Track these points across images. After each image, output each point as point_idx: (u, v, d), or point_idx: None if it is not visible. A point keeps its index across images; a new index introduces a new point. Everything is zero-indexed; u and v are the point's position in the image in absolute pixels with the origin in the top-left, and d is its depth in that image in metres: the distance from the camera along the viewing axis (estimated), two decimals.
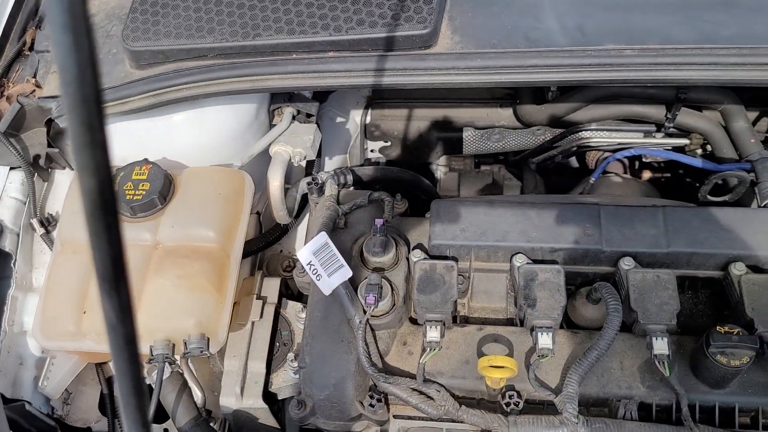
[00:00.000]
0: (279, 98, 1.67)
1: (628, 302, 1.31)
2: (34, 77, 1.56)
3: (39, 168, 1.58)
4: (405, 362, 1.36)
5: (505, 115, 2.10)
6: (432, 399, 1.30)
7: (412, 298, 1.35)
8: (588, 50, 1.22)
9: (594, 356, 1.26)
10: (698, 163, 1.80)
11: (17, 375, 1.50)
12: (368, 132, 2.18)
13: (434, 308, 1.33)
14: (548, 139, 2.09)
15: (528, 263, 1.38)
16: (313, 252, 1.35)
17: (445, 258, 1.42)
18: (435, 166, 2.35)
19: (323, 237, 1.36)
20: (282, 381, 1.50)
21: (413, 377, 1.32)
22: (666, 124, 1.86)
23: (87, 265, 1.37)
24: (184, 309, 1.31)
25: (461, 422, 1.30)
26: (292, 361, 1.42)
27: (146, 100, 1.36)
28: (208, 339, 1.30)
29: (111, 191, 0.42)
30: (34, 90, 1.51)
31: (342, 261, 1.34)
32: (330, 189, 1.52)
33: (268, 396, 1.51)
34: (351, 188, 1.70)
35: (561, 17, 1.31)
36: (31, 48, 1.62)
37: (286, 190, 1.84)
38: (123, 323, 0.44)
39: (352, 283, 1.36)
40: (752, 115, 1.98)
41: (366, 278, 1.33)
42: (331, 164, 2.06)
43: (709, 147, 1.87)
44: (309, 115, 1.69)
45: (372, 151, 2.27)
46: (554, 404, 1.27)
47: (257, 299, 1.53)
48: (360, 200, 1.49)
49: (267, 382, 1.49)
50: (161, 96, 1.35)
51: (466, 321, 1.45)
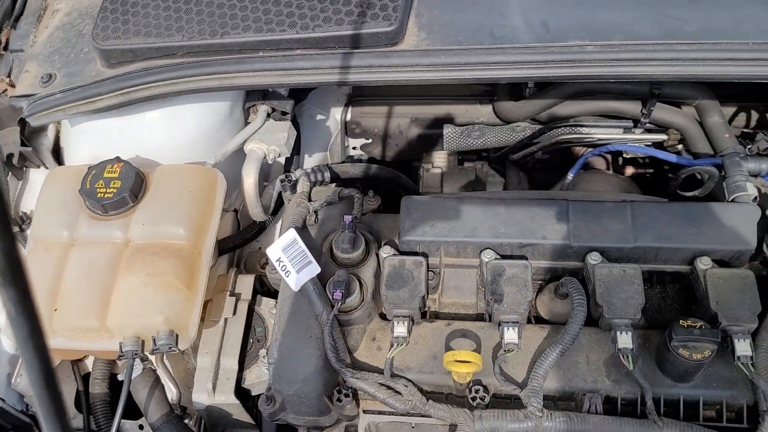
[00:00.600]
0: (253, 96, 1.67)
1: (595, 297, 1.32)
2: (8, 76, 1.57)
3: (13, 167, 1.58)
4: (374, 358, 1.37)
5: (485, 112, 2.11)
6: (400, 394, 1.31)
7: (381, 294, 1.36)
8: (550, 47, 1.23)
9: (559, 351, 1.27)
10: (673, 159, 1.80)
11: None
12: (349, 129, 2.18)
13: (402, 304, 1.34)
14: (527, 136, 2.10)
15: (496, 259, 1.39)
16: (282, 249, 1.36)
17: (415, 254, 1.43)
18: (418, 163, 2.35)
19: (292, 234, 1.37)
20: (255, 377, 1.51)
21: (382, 372, 1.33)
22: (642, 120, 1.87)
23: (58, 264, 1.38)
24: (154, 306, 1.32)
25: (429, 417, 1.31)
26: (265, 358, 1.43)
27: (115, 99, 1.37)
28: (177, 336, 1.32)
29: None
30: (6, 89, 1.51)
31: (310, 257, 1.35)
32: (302, 186, 1.53)
33: (242, 392, 1.52)
34: (333, 186, 1.70)
35: (526, 14, 1.32)
36: (6, 47, 1.63)
37: (264, 188, 1.86)
38: (23, 315, 0.44)
39: (323, 280, 1.37)
40: (730, 110, 2.00)
41: (335, 274, 1.34)
42: (311, 161, 2.06)
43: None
44: (284, 113, 1.70)
45: (354, 149, 2.28)
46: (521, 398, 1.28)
47: (230, 296, 1.54)
48: (331, 197, 1.50)
49: (240, 379, 1.50)
50: (130, 94, 1.36)
51: (436, 316, 1.45)
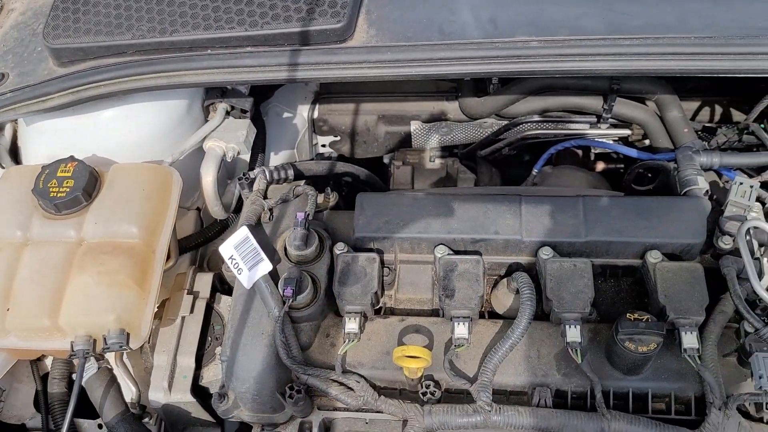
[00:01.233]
0: (212, 94, 1.67)
1: (546, 291, 1.33)
2: None
3: None
4: (327, 354, 1.37)
5: (451, 108, 2.11)
6: (352, 390, 1.31)
7: (334, 290, 1.36)
8: (496, 42, 1.23)
9: (508, 346, 1.28)
10: (633, 153, 1.81)
11: None
12: (316, 127, 2.18)
13: (354, 300, 1.34)
14: (494, 132, 2.11)
15: (449, 254, 1.39)
16: (234, 246, 1.36)
17: (370, 250, 1.43)
18: (388, 160, 2.35)
19: (244, 231, 1.37)
20: (213, 375, 1.51)
21: (335, 369, 1.33)
22: (604, 115, 1.87)
23: (10, 263, 1.38)
24: (105, 305, 1.31)
25: (381, 412, 1.31)
26: (222, 356, 1.43)
27: (66, 98, 1.36)
28: (128, 334, 1.31)
29: None
30: None
31: (262, 255, 1.35)
32: (258, 184, 1.53)
33: (201, 390, 1.52)
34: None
35: (475, 10, 1.33)
36: None
37: (227, 186, 1.86)
38: None
39: (277, 277, 1.37)
40: (694, 105, 2.01)
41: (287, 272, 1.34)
42: (278, 159, 2.06)
43: None
44: (244, 111, 1.70)
45: (323, 146, 2.28)
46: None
47: (188, 294, 1.54)
48: (286, 194, 1.50)
49: (197, 377, 1.50)
50: (80, 93, 1.35)
51: (392, 312, 1.46)
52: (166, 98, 1.57)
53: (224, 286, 1.67)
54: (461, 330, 1.30)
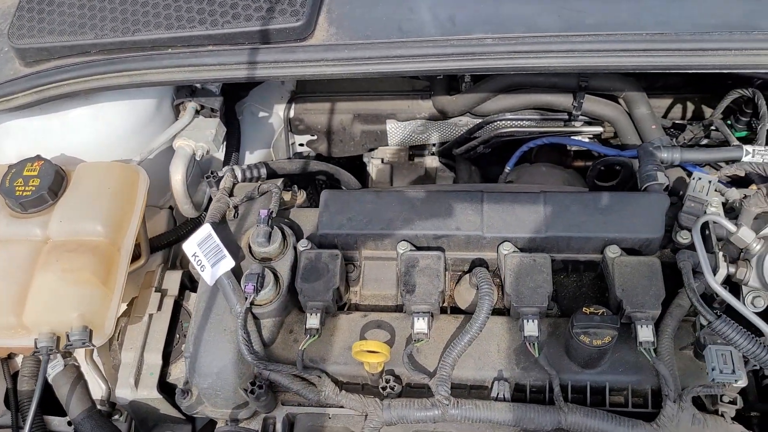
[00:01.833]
0: (182, 93, 1.69)
1: (505, 286, 1.34)
2: None
3: None
4: (291, 350, 1.39)
5: (426, 107, 2.12)
6: (314, 385, 1.33)
7: (296, 286, 1.37)
8: (450, 40, 1.25)
9: (466, 340, 1.29)
10: (604, 150, 1.82)
11: None
12: (293, 126, 2.19)
13: (316, 296, 1.35)
14: (468, 130, 2.12)
15: (411, 250, 1.41)
16: (198, 243, 1.37)
17: (334, 247, 1.44)
18: (367, 159, 2.36)
19: (207, 229, 1.38)
20: (180, 372, 1.52)
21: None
22: (574, 113, 1.89)
23: None
24: (68, 302, 1.33)
25: (342, 407, 1.32)
26: (185, 352, 1.44)
27: (30, 97, 1.38)
28: (91, 331, 1.32)
29: None
30: None
31: (225, 252, 1.36)
32: (224, 182, 1.54)
33: (169, 387, 1.53)
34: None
35: (434, 8, 1.34)
36: None
37: (199, 185, 1.87)
38: None
39: (241, 274, 1.38)
40: (666, 102, 2.02)
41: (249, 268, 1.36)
42: (253, 158, 2.08)
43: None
44: (213, 110, 1.71)
45: (301, 145, 2.29)
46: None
47: (156, 292, 1.55)
48: (251, 192, 1.51)
49: (165, 374, 1.52)
50: (43, 92, 1.37)
51: (357, 308, 1.47)
52: (135, 98, 1.59)
53: (194, 284, 1.68)
54: (421, 325, 1.31)
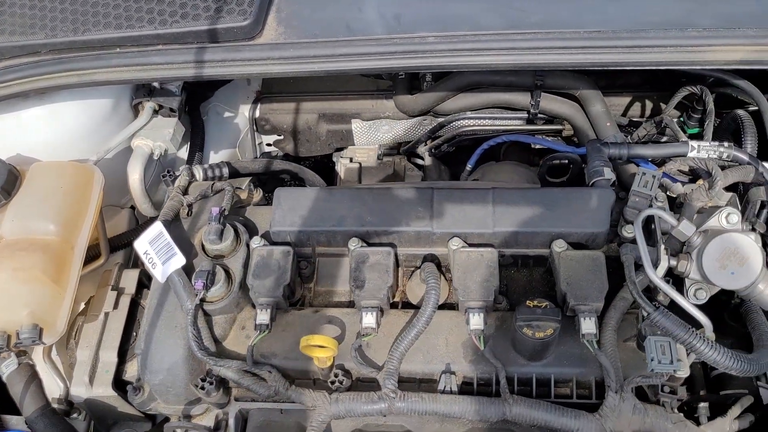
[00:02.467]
0: (140, 93, 1.70)
1: (453, 281, 1.36)
2: None
3: None
4: (243, 346, 1.40)
5: (390, 106, 2.14)
6: (264, 380, 1.34)
7: (247, 283, 1.38)
8: (394, 38, 1.27)
9: (413, 334, 1.31)
10: (559, 148, 1.85)
11: None
12: (259, 126, 2.21)
13: (267, 292, 1.37)
14: (431, 129, 2.14)
15: (362, 246, 1.42)
16: (149, 241, 1.39)
17: (287, 244, 1.46)
18: (336, 158, 2.37)
19: (158, 226, 1.39)
20: (136, 370, 1.52)
21: None
22: (531, 110, 1.91)
23: None
24: (19, 300, 1.33)
25: (294, 402, 1.34)
26: (136, 348, 1.45)
27: None
28: (41, 329, 1.33)
29: None
30: None
31: (176, 249, 1.37)
32: (179, 181, 1.55)
33: (126, 385, 1.53)
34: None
35: (381, 7, 1.36)
36: None
37: (160, 184, 1.88)
38: None
39: (193, 271, 1.39)
40: (625, 100, 2.05)
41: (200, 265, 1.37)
42: (218, 158, 2.09)
43: None
44: (172, 110, 1.73)
45: (268, 145, 2.31)
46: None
47: (112, 290, 1.56)
48: (205, 191, 1.53)
49: (121, 371, 1.52)
50: None
51: (310, 305, 1.49)
52: (91, 97, 1.60)
53: (151, 282, 1.69)
54: (369, 320, 1.33)
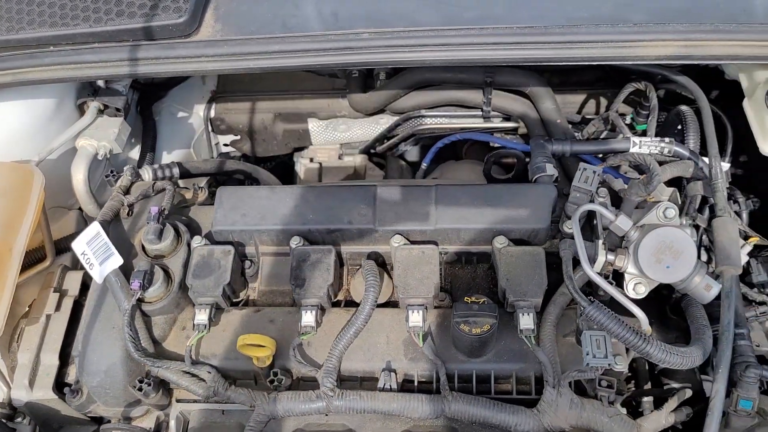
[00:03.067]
0: (84, 93, 1.68)
1: (394, 278, 1.36)
2: None
3: None
4: (183, 346, 1.38)
5: (345, 105, 2.13)
6: (204, 381, 1.33)
7: (186, 283, 1.37)
8: (329, 35, 1.26)
9: (352, 332, 1.30)
10: (511, 145, 1.86)
11: None
12: (214, 126, 2.19)
13: (206, 292, 1.36)
14: (387, 127, 2.14)
15: (304, 245, 1.42)
16: (86, 242, 1.37)
17: (230, 243, 1.44)
18: (297, 158, 2.36)
19: (95, 227, 1.38)
20: None
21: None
22: (484, 108, 1.91)
23: None
24: None
25: (233, 402, 1.33)
26: (73, 350, 1.43)
27: None
28: None
29: None
30: None
31: (113, 250, 1.36)
32: (121, 181, 1.53)
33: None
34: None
35: (318, 3, 1.35)
36: None
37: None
38: None
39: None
40: (580, 98, 2.06)
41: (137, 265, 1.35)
42: (171, 158, 2.07)
43: None
44: (118, 110, 1.71)
45: (226, 145, 2.29)
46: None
47: (54, 292, 1.53)
48: (146, 190, 1.51)
49: (63, 374, 1.50)
50: None
51: (254, 304, 1.47)
52: (33, 97, 1.58)
53: None
54: (308, 318, 1.32)
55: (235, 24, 1.35)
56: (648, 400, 1.45)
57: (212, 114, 2.16)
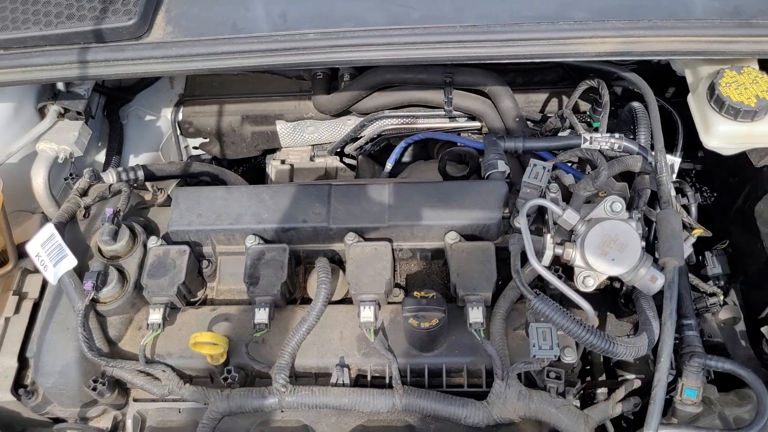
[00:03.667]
0: (44, 96, 1.69)
1: (347, 275, 1.37)
2: None
3: None
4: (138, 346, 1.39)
5: (312, 107, 2.15)
6: (158, 380, 1.34)
7: (141, 283, 1.38)
8: (276, 36, 1.28)
9: (305, 329, 1.32)
10: (470, 143, 1.88)
11: None
12: (182, 129, 2.20)
13: (161, 291, 1.37)
14: (353, 128, 2.15)
15: (259, 244, 1.43)
16: (41, 244, 1.38)
17: (186, 243, 1.46)
18: (268, 160, 2.37)
19: (50, 228, 1.39)
20: None
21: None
22: (446, 108, 1.93)
23: None
24: None
25: (186, 400, 1.34)
26: (28, 351, 1.44)
27: None
28: None
29: None
30: None
31: (67, 251, 1.37)
32: (78, 183, 1.54)
33: None
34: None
35: (268, 5, 1.37)
36: None
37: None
38: None
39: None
40: (543, 96, 2.08)
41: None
42: (138, 162, 2.08)
43: None
44: (79, 113, 1.72)
45: (195, 148, 2.30)
46: None
47: (14, 295, 1.54)
48: (103, 192, 1.52)
49: (22, 376, 1.50)
50: None
51: (212, 303, 1.49)
52: None
53: None
54: (261, 315, 1.34)
55: (186, 26, 1.36)
56: (602, 392, 1.47)
57: (180, 117, 2.17)
